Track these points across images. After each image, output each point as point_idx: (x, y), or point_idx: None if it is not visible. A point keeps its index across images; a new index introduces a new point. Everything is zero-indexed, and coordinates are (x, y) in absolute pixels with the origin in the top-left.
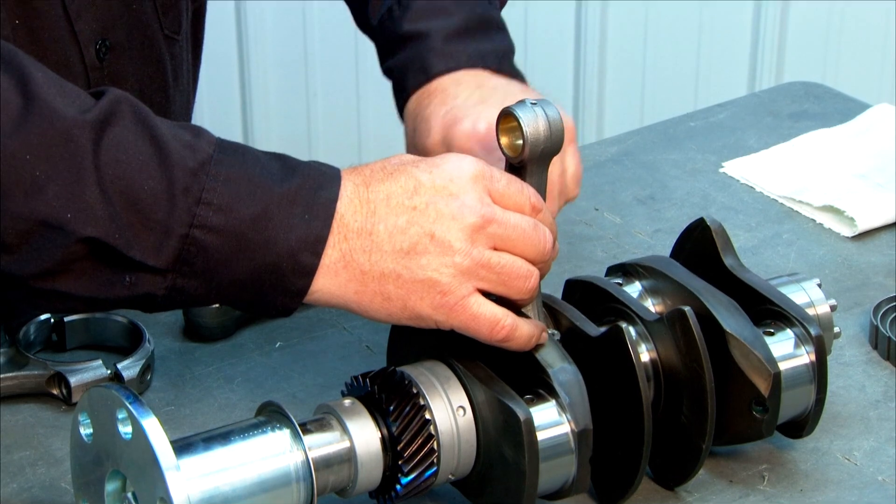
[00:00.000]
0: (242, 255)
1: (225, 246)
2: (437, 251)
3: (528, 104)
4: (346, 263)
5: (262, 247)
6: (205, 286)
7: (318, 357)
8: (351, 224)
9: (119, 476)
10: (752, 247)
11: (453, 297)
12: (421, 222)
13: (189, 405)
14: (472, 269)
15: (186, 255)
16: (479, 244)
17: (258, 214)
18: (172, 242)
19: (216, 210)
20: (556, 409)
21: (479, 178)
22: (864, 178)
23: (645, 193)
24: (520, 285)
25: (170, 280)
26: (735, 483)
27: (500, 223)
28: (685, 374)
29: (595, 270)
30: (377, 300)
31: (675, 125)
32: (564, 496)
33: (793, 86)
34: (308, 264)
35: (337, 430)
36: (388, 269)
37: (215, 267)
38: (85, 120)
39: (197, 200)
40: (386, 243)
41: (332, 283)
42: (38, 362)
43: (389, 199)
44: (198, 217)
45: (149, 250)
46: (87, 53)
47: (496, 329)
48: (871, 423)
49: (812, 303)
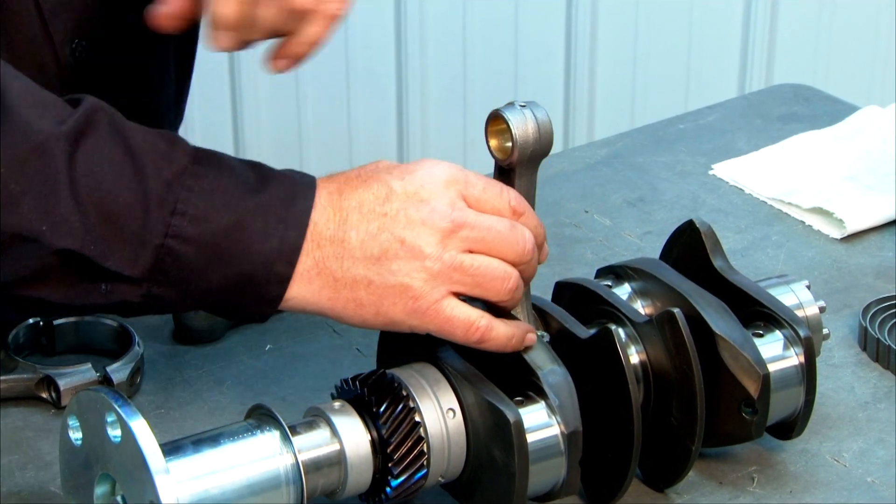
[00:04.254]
0: (217, 264)
1: (200, 256)
2: (407, 256)
3: (517, 106)
4: (320, 271)
5: (237, 257)
6: (180, 294)
7: (308, 360)
8: (324, 232)
9: (108, 479)
10: (741, 248)
11: (425, 302)
12: (391, 228)
13: (179, 408)
14: (444, 272)
15: (161, 264)
16: (450, 248)
17: (233, 225)
18: (147, 253)
19: (191, 220)
20: (545, 411)
21: (452, 183)
22: (853, 180)
23: (635, 196)
24: (497, 287)
25: (145, 288)
26: (724, 485)
27: (473, 226)
28: (674, 376)
29: (585, 272)
30: (350, 306)
31: (665, 127)
32: (554, 498)
33: (782, 88)
34: (283, 273)
35: (327, 432)
36: (360, 275)
37: (190, 276)
38: (60, 132)
39: (171, 211)
40: (357, 250)
41: (306, 291)
42: (28, 366)
43: (361, 207)
44: (172, 227)
45: (124, 261)
46: (61, 54)
47: (471, 331)
48: (860, 425)
49: (801, 304)
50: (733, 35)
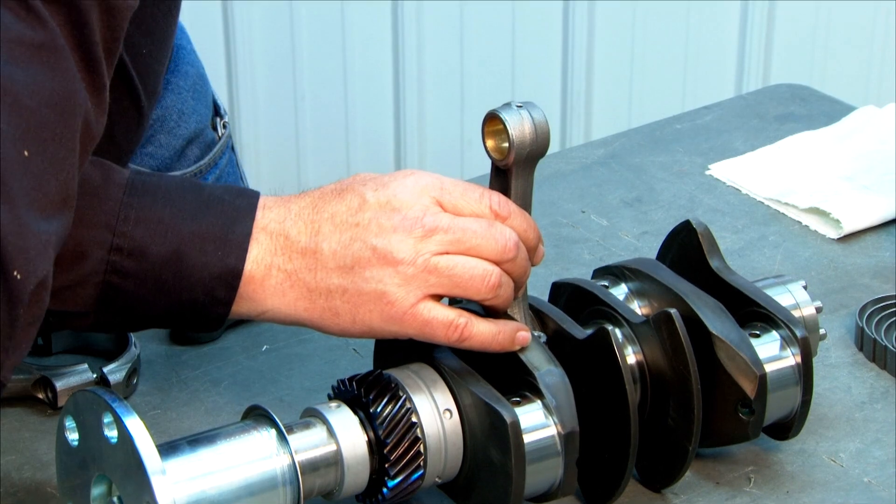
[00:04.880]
0: (159, 295)
1: (141, 288)
2: (379, 263)
3: (514, 107)
4: (293, 283)
5: (178, 286)
6: (128, 321)
7: (305, 360)
8: (295, 245)
9: (105, 480)
10: (738, 249)
11: (401, 307)
12: (363, 237)
13: (175, 409)
14: (419, 276)
15: (105, 298)
16: (424, 252)
17: (170, 255)
18: (90, 291)
19: (128, 255)
20: (542, 411)
21: (426, 190)
22: (849, 180)
23: (632, 196)
24: (477, 285)
25: (92, 318)
26: (721, 485)
27: (448, 229)
28: (671, 377)
29: (581, 273)
30: (327, 315)
31: (662, 127)
32: (551, 499)
33: (779, 88)
34: (224, 297)
35: (323, 433)
36: (334, 284)
37: (135, 306)
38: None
39: (109, 248)
40: (330, 261)
41: (281, 303)
42: (24, 366)
43: (334, 218)
44: (111, 263)
45: (67, 301)
46: None
47: (451, 330)
48: (856, 425)
49: (798, 305)
50: (730, 35)
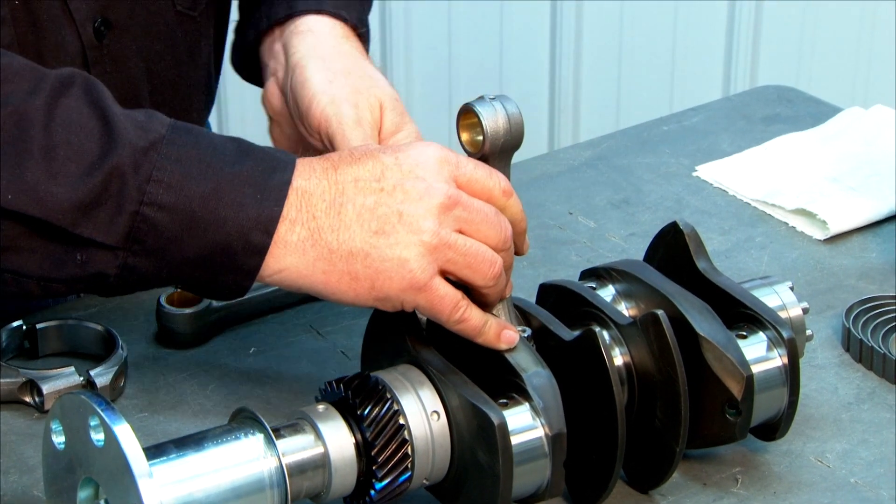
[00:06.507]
0: (193, 233)
1: (175, 223)
2: (405, 230)
3: (488, 100)
4: (315, 242)
5: (213, 225)
6: (156, 265)
7: (292, 363)
8: (319, 203)
9: (92, 483)
10: (725, 250)
11: (422, 277)
12: (389, 203)
13: (163, 412)
14: (440, 248)
15: (137, 232)
16: (445, 225)
17: (209, 193)
18: (122, 220)
19: (166, 188)
20: (529, 413)
21: (445, 163)
22: (836, 181)
23: (619, 197)
24: (485, 270)
25: (121, 258)
26: (709, 486)
27: (465, 206)
28: (658, 378)
29: (569, 274)
30: (345, 280)
31: (649, 129)
32: (539, 500)
33: (766, 90)
34: (259, 243)
35: (311, 435)
36: (357, 247)
37: (166, 245)
38: (35, 105)
39: (147, 178)
40: (354, 223)
41: (300, 262)
42: (11, 369)
43: (357, 181)
44: (148, 194)
45: (97, 228)
46: (83, 32)
47: (455, 309)
48: (843, 426)
49: (784, 306)
50: (717, 37)
